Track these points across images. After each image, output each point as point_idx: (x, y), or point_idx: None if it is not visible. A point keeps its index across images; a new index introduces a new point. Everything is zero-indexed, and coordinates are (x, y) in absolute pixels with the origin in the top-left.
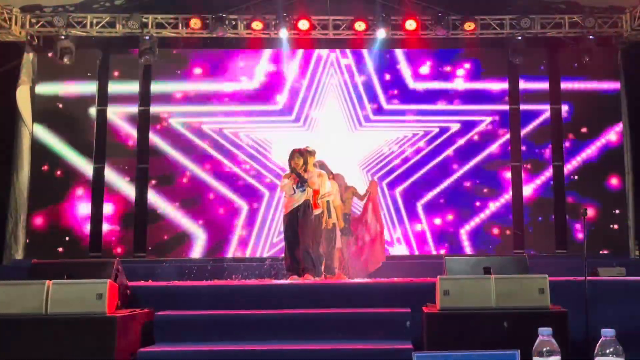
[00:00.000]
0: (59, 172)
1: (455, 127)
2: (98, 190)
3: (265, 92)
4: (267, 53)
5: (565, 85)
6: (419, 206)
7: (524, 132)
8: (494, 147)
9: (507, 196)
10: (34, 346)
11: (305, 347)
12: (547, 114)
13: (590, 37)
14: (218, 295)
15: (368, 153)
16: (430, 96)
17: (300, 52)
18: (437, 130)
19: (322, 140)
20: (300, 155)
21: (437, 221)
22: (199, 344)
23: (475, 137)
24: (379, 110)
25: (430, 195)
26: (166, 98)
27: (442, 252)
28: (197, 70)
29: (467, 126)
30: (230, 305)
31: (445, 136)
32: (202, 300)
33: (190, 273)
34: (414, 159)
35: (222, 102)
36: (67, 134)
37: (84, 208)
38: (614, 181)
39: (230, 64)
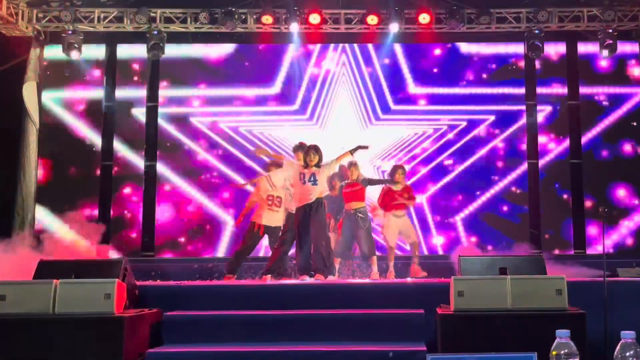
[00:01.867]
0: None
1: (464, 124)
2: (106, 190)
3: (277, 89)
4: (277, 48)
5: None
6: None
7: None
8: (510, 144)
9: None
10: (41, 346)
11: (316, 349)
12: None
13: (610, 30)
14: (227, 296)
15: (379, 149)
16: (444, 92)
17: (311, 47)
18: (464, 123)
19: (333, 136)
20: (316, 151)
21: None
22: (208, 345)
23: (488, 134)
24: (394, 105)
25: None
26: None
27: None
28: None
29: (477, 123)
30: (239, 306)
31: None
32: (211, 300)
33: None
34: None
35: (235, 99)
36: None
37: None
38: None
39: (240, 60)
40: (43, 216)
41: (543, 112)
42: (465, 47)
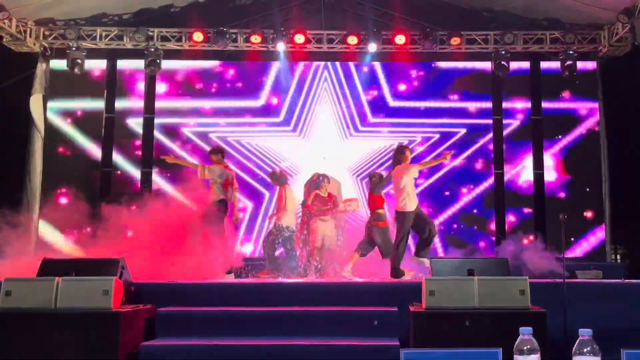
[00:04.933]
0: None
1: (437, 136)
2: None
3: (263, 103)
4: (265, 65)
5: (545, 98)
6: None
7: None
8: (476, 155)
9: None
10: (44, 338)
11: (299, 343)
12: (526, 126)
13: (570, 52)
14: (217, 293)
15: (358, 159)
16: (418, 107)
17: (296, 64)
18: (437, 136)
19: (315, 147)
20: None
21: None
22: (198, 339)
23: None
24: (370, 119)
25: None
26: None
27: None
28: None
29: (450, 136)
30: (228, 302)
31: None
32: (202, 297)
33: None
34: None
35: (225, 112)
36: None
37: None
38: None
39: (231, 76)
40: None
41: (510, 127)
42: (438, 66)
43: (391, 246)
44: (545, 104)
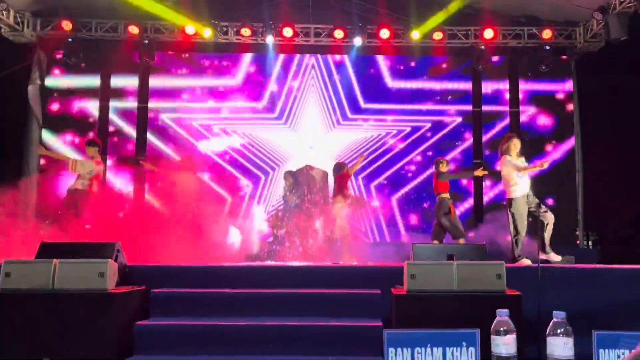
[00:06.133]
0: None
1: (426, 126)
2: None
3: (253, 94)
4: (255, 57)
5: (523, 90)
6: (393, 200)
7: (486, 134)
8: (460, 147)
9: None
10: (41, 318)
11: (286, 324)
12: (506, 119)
13: (547, 47)
14: (208, 275)
15: (344, 149)
16: (402, 98)
17: (284, 57)
18: (409, 129)
19: (303, 137)
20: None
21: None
22: (190, 319)
23: (443, 136)
24: (355, 111)
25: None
26: (161, 96)
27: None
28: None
29: (437, 126)
30: (219, 284)
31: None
32: (194, 279)
33: None
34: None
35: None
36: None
37: None
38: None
39: (221, 67)
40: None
41: (488, 117)
42: (420, 60)
43: (460, 229)
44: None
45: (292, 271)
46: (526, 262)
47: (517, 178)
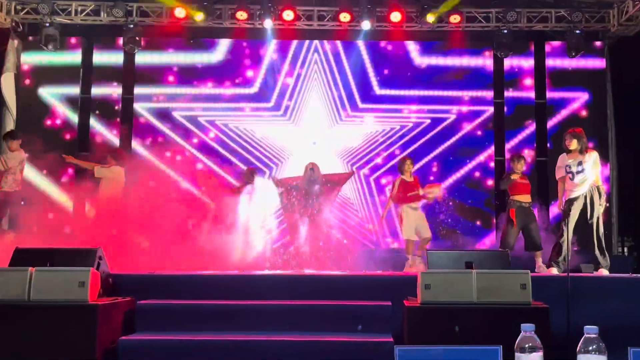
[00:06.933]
0: None
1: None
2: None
3: (247, 83)
4: (251, 43)
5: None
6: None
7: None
8: (477, 139)
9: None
10: (16, 332)
11: (285, 339)
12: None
13: (577, 31)
14: (199, 285)
15: (349, 145)
16: (413, 89)
17: (284, 43)
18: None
19: (304, 132)
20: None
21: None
22: (180, 334)
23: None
24: (362, 102)
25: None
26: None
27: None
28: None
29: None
30: (212, 295)
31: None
32: (183, 289)
33: None
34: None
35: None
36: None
37: None
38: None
39: (215, 54)
40: None
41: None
42: (435, 46)
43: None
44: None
45: (293, 281)
46: (554, 270)
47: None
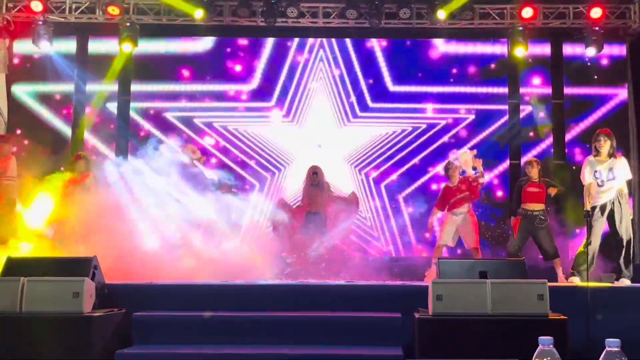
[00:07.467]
0: None
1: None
2: None
3: (249, 83)
4: (253, 42)
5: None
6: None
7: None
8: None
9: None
10: (8, 345)
11: (289, 352)
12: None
13: (596, 28)
14: (198, 295)
15: (355, 148)
16: (422, 91)
17: (288, 42)
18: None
19: (309, 135)
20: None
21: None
22: (178, 347)
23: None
24: (372, 102)
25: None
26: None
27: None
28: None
29: (457, 122)
30: (211, 306)
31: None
32: (181, 300)
33: None
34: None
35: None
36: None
37: None
38: None
39: (216, 54)
40: None
41: (525, 112)
42: (446, 44)
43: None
44: (567, 89)
45: (297, 290)
46: (575, 280)
47: (592, 188)
